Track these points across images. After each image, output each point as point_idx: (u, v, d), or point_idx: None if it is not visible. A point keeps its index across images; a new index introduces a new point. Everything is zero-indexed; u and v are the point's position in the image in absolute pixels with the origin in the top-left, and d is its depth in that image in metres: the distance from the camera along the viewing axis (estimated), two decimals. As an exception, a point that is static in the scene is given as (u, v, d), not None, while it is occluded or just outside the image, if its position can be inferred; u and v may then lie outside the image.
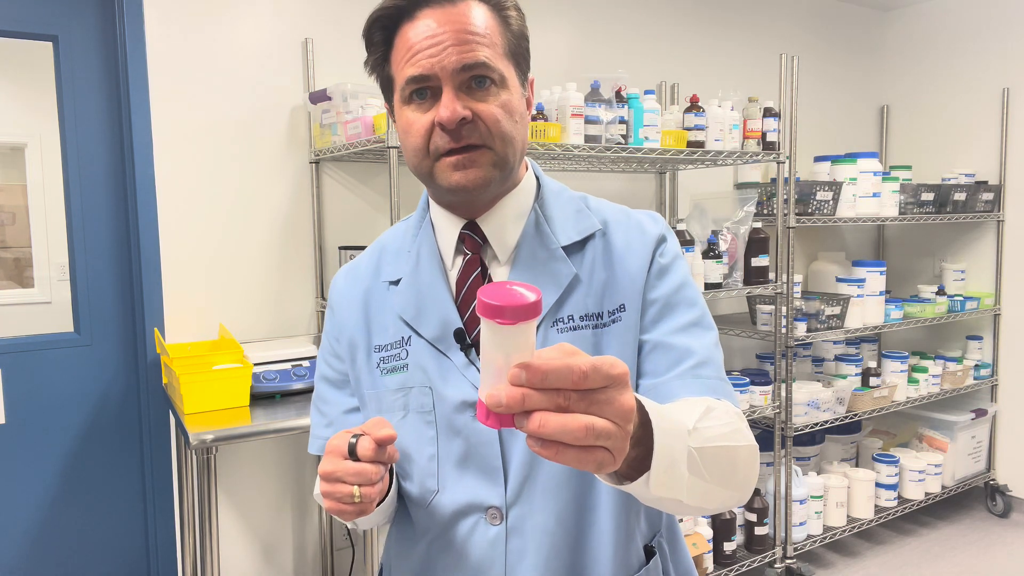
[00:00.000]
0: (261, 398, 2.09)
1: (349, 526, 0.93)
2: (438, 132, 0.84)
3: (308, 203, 2.46)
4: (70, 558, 2.27)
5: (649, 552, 0.95)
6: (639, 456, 0.63)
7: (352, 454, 0.76)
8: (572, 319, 0.89)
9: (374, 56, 0.90)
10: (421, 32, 0.83)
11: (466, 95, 0.84)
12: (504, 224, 0.92)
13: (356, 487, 0.76)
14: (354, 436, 0.77)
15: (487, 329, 0.55)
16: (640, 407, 0.63)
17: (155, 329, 2.21)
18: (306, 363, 2.16)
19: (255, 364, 2.07)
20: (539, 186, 0.97)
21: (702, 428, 0.71)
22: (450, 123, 0.82)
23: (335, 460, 0.77)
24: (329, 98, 2.24)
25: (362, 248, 2.04)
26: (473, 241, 0.93)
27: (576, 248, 0.93)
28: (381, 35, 0.88)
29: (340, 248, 2.40)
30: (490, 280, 0.92)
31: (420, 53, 0.83)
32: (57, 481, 2.24)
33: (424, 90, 0.84)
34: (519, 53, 0.90)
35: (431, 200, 0.97)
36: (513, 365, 0.53)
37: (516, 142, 0.88)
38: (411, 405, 0.92)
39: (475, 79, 0.84)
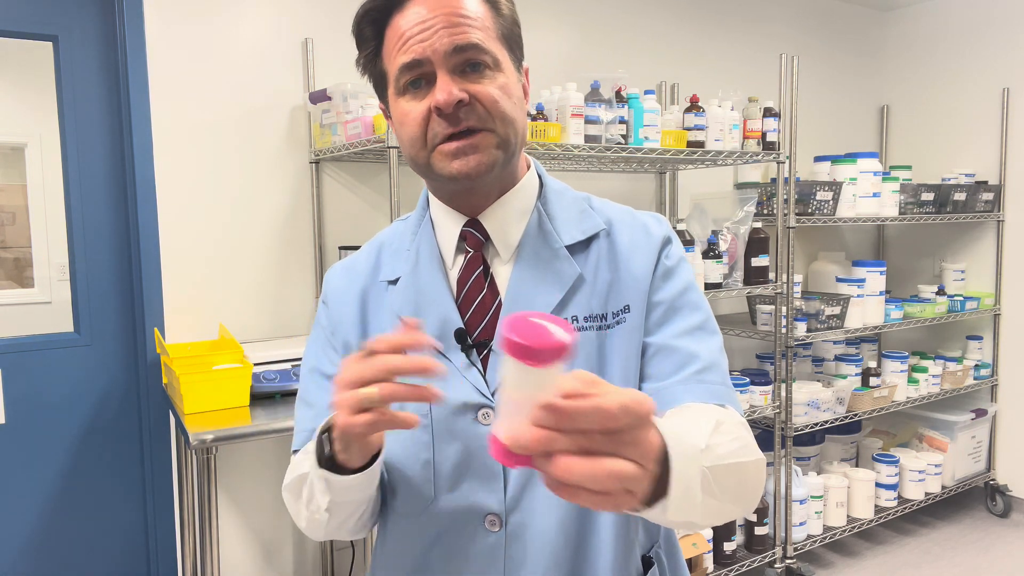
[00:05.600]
0: (261, 398, 2.09)
1: (320, 500, 0.82)
2: (435, 119, 0.82)
3: (308, 203, 2.46)
4: (70, 558, 2.27)
5: (647, 563, 0.93)
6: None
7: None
8: (576, 319, 0.88)
9: (365, 52, 0.89)
10: (411, 20, 0.82)
11: (461, 79, 0.82)
12: (507, 221, 0.91)
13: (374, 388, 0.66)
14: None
15: (512, 368, 0.51)
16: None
17: (155, 329, 2.21)
18: (306, 363, 2.16)
19: (255, 364, 2.07)
20: (542, 185, 0.96)
21: (714, 445, 0.69)
22: (447, 106, 0.80)
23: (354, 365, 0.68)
24: (329, 98, 2.24)
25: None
26: (475, 238, 0.91)
27: (580, 248, 0.91)
28: (372, 29, 0.87)
29: (340, 248, 2.40)
30: (492, 279, 0.90)
31: (411, 39, 0.82)
32: (57, 481, 2.23)
33: (418, 80, 0.83)
34: (512, 38, 0.88)
35: (431, 197, 0.95)
36: (538, 405, 0.49)
37: (517, 123, 0.86)
38: (407, 409, 0.89)
39: (470, 64, 0.82)
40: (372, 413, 0.67)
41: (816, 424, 3.00)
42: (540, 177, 0.97)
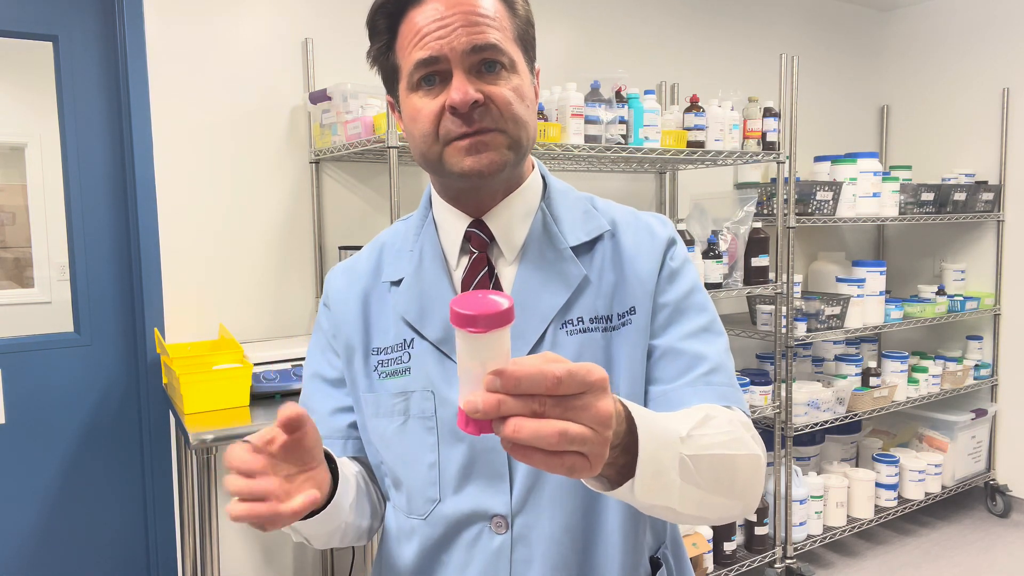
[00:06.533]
0: (261, 398, 2.09)
1: (294, 538, 0.87)
2: (448, 117, 0.82)
3: (308, 203, 2.46)
4: (70, 558, 2.27)
5: (655, 564, 0.93)
6: (628, 463, 0.63)
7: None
8: (582, 321, 0.87)
9: (377, 45, 0.88)
10: (429, 15, 0.81)
11: (476, 79, 0.82)
12: (511, 222, 0.90)
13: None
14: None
15: (461, 339, 0.56)
16: (629, 414, 0.62)
17: (155, 329, 2.21)
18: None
19: (255, 364, 2.07)
20: (545, 185, 0.95)
21: (697, 435, 0.70)
22: (463, 105, 0.80)
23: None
24: (329, 98, 2.24)
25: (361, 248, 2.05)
26: (480, 239, 0.90)
27: (585, 249, 0.91)
28: (386, 22, 0.86)
29: (340, 248, 2.40)
30: (497, 280, 0.90)
31: (429, 36, 0.81)
32: (57, 481, 2.23)
33: (432, 76, 0.82)
34: (526, 39, 0.88)
35: (435, 197, 0.94)
36: (488, 372, 0.54)
37: (529, 126, 0.86)
38: (412, 410, 0.89)
39: (485, 63, 0.82)
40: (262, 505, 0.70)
41: (816, 424, 3.00)
42: (544, 177, 0.96)
